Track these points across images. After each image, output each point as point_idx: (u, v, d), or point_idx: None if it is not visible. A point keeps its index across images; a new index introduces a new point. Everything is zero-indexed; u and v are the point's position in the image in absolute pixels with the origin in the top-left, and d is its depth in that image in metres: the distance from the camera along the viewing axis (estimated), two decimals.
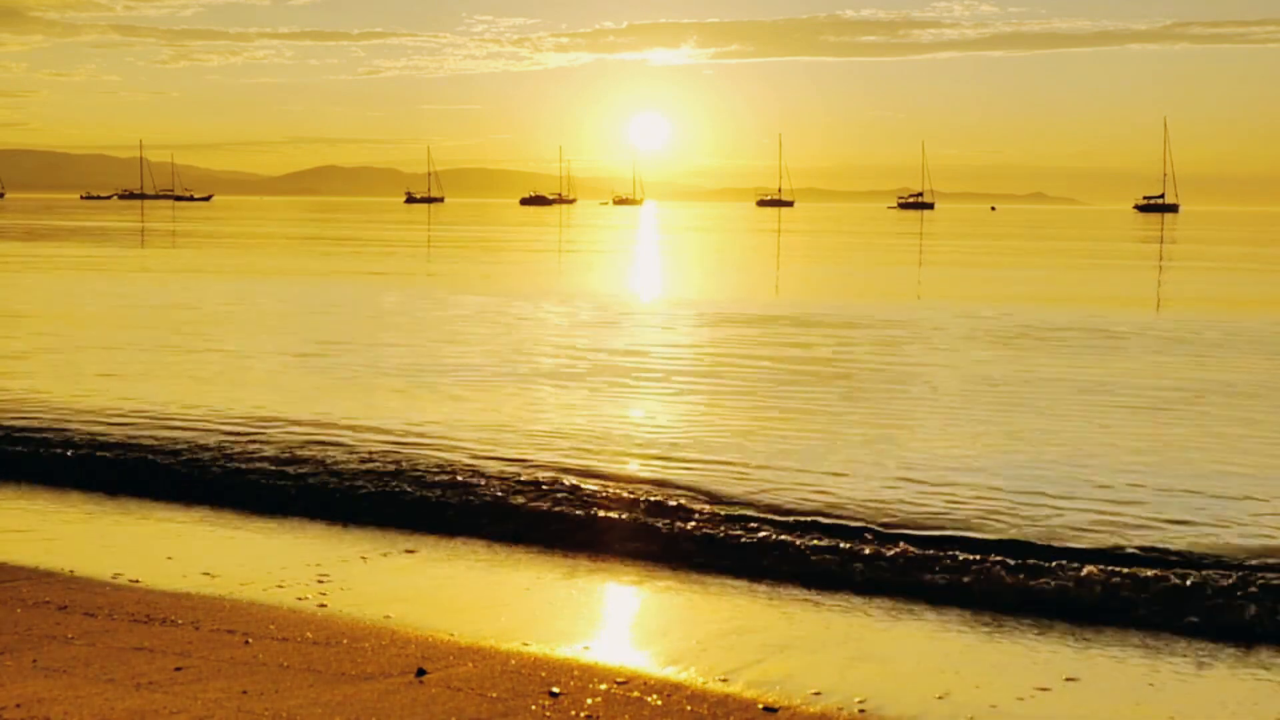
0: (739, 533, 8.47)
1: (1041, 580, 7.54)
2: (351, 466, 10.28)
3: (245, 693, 5.62)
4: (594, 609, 7.34)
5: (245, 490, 9.89)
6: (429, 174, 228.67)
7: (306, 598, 7.24)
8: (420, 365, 16.55)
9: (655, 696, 5.70)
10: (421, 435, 11.50)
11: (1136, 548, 8.10)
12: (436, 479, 9.85)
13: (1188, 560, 7.84)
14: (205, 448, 10.94)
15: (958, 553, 7.97)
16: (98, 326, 21.90)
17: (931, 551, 8.02)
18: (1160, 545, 8.14)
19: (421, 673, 5.93)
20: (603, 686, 5.81)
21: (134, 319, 23.08)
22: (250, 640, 6.37)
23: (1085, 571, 7.58)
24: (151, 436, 11.43)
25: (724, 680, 5.98)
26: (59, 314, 23.91)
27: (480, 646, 6.37)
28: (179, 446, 11.00)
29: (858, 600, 7.42)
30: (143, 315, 23.88)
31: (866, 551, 8.06)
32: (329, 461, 10.44)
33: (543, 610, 7.17)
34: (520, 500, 9.29)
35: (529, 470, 10.06)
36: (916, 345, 19.07)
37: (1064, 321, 21.86)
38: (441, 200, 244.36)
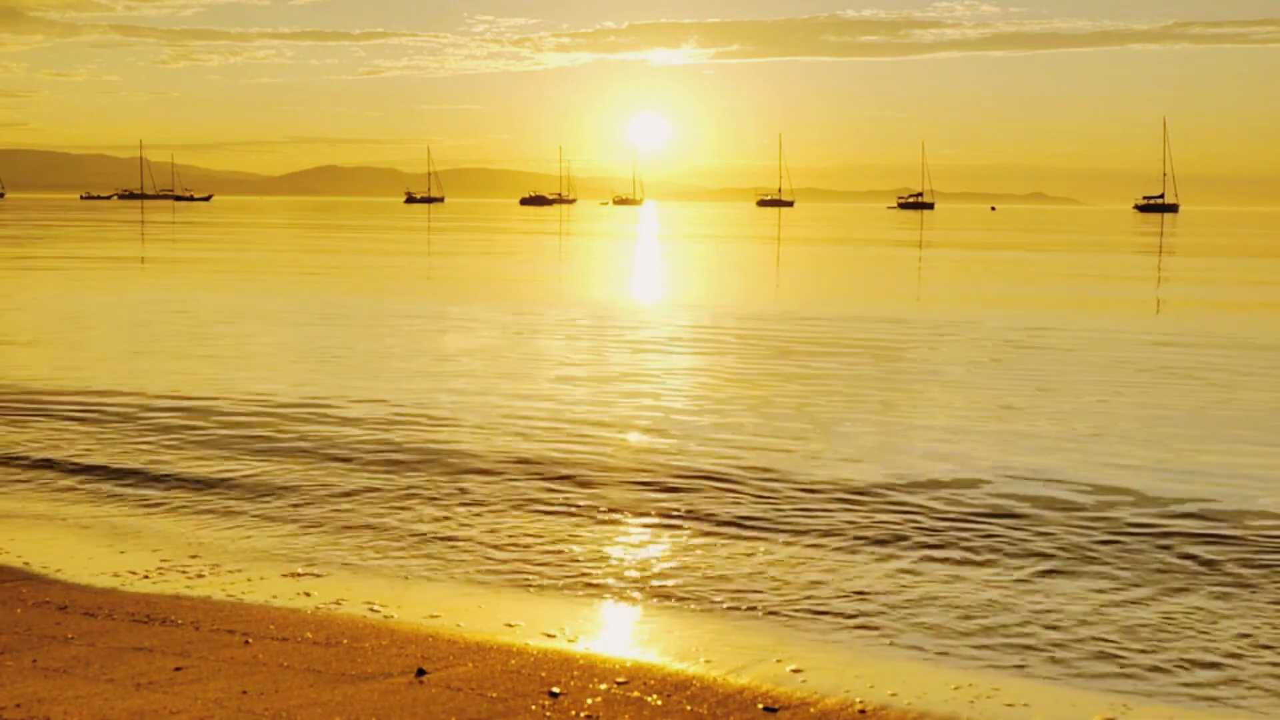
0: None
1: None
2: None
3: (245, 693, 5.61)
4: (594, 607, 7.33)
5: None
6: (429, 174, 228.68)
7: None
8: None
9: (655, 696, 5.69)
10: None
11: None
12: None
13: None
14: None
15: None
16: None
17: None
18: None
19: (421, 673, 5.92)
20: (603, 686, 5.80)
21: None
22: (250, 640, 6.37)
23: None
24: None
25: (724, 680, 5.97)
26: None
27: (480, 646, 6.36)
28: None
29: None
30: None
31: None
32: None
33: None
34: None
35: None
36: None
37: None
38: (441, 200, 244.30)
